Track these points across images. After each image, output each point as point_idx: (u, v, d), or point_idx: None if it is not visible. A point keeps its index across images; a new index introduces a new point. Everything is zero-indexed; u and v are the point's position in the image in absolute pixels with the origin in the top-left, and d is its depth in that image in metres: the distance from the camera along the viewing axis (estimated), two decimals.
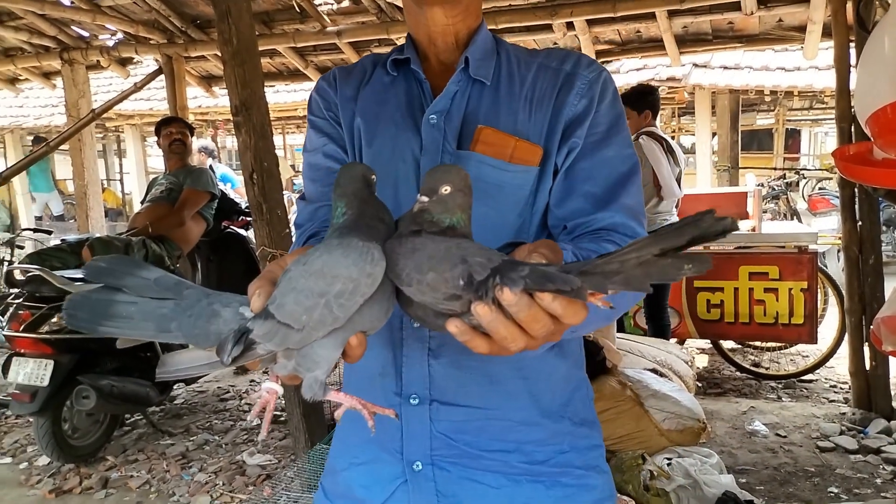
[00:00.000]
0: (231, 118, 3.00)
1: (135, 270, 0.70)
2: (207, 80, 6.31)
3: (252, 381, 4.97)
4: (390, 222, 0.72)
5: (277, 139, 18.35)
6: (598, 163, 0.94)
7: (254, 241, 5.02)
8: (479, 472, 0.95)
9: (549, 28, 4.69)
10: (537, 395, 0.97)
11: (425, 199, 0.68)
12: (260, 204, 2.95)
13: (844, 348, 4.14)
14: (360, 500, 1.01)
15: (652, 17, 4.43)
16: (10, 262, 5.95)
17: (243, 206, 5.00)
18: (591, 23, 4.65)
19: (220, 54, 2.97)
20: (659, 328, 4.30)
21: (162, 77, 5.54)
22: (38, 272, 3.32)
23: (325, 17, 4.89)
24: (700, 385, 4.15)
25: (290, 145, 21.28)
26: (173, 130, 4.41)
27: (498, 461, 0.95)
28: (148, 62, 6.12)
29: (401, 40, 4.70)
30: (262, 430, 0.73)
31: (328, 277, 0.63)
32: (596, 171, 0.94)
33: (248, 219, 5.06)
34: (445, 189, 0.67)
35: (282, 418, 3.99)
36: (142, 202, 4.51)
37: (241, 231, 5.02)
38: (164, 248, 3.95)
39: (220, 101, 7.80)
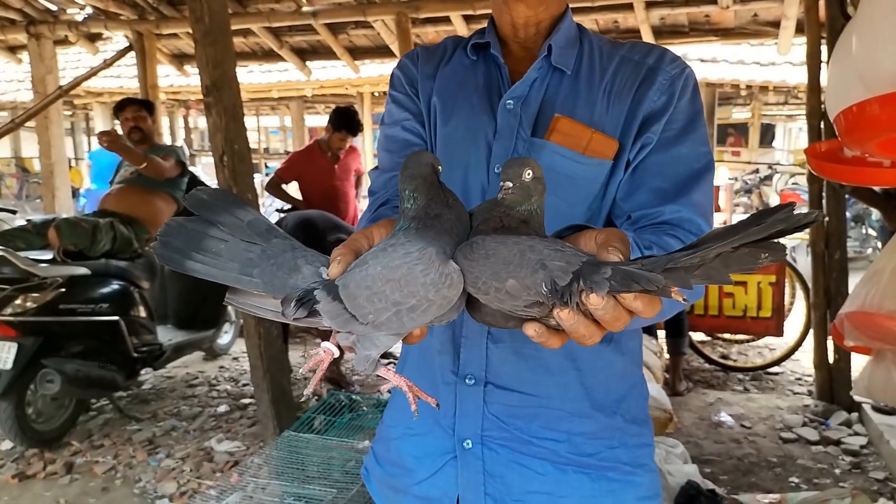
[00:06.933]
0: (202, 98, 2.93)
1: (232, 208, 0.71)
2: (179, 59, 6.19)
3: (221, 367, 4.92)
4: (460, 210, 0.72)
5: (251, 120, 18.11)
6: (670, 159, 0.94)
7: None
8: (527, 457, 0.98)
9: None
10: (590, 389, 0.99)
11: (510, 184, 0.67)
12: (230, 186, 2.90)
13: (810, 341, 4.22)
14: (409, 470, 1.05)
15: (630, 7, 4.44)
16: None
17: None
18: None
19: (191, 33, 2.90)
20: (674, 321, 4.18)
21: (133, 54, 5.41)
22: (1, 253, 3.23)
23: None
24: (668, 376, 4.20)
25: (265, 127, 21.03)
26: (128, 116, 4.15)
27: (546, 449, 0.98)
28: (118, 39, 5.96)
29: (377, 23, 4.66)
30: (309, 386, 0.74)
31: (405, 291, 0.64)
32: (667, 166, 0.94)
33: None
34: (528, 174, 0.68)
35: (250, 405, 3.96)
36: (110, 182, 4.40)
37: None
38: (133, 231, 3.86)
39: (192, 80, 7.66)
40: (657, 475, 1.06)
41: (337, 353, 0.75)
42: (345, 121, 4.58)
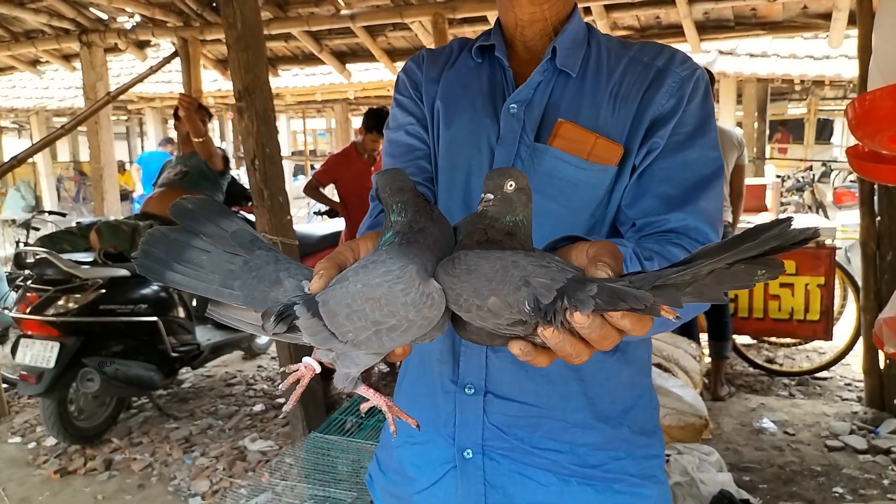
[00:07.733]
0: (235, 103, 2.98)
1: (216, 218, 0.70)
2: (223, 64, 6.30)
3: (259, 366, 5.00)
4: (444, 224, 0.70)
5: (297, 123, 18.37)
6: (679, 164, 0.91)
7: None
8: (529, 467, 0.96)
9: None
10: (594, 399, 0.97)
11: (490, 196, 0.66)
12: (261, 190, 2.94)
13: (861, 346, 4.03)
14: (410, 479, 1.04)
15: (672, 2, 4.32)
16: (26, 244, 6.04)
17: None
18: (609, 7, 4.54)
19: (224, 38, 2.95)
20: (717, 325, 4.09)
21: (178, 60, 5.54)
22: (45, 255, 3.35)
23: (340, 0, 4.85)
24: (708, 381, 4.07)
25: (312, 129, 21.35)
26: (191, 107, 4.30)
27: (549, 460, 0.96)
28: (167, 46, 6.13)
29: (415, 25, 4.62)
30: (289, 403, 0.74)
31: (385, 310, 0.62)
32: (675, 172, 0.91)
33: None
34: (510, 185, 0.65)
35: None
36: (153, 185, 4.53)
37: (251, 217, 5.01)
38: None
39: None
40: (667, 487, 1.02)
41: (319, 369, 0.74)
42: (376, 122, 4.59)
